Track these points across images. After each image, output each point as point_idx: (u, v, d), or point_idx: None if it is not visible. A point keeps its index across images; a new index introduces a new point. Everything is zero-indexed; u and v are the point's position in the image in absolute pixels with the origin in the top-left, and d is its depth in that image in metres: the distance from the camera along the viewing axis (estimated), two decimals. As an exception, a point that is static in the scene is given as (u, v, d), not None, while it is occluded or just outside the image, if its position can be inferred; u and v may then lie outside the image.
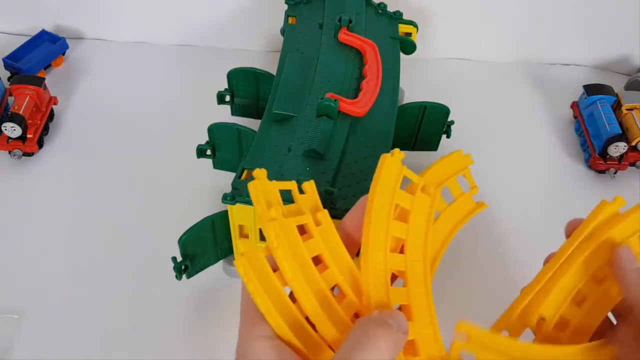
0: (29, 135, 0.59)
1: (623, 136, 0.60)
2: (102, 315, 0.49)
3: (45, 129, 0.62)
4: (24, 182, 0.59)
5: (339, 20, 0.54)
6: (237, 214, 0.45)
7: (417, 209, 0.34)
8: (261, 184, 0.32)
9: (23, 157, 0.60)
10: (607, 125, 0.60)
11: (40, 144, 0.61)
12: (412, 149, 0.58)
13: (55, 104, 0.63)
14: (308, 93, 0.50)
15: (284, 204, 0.32)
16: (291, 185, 0.34)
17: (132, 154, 0.62)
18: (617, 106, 0.63)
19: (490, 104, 0.69)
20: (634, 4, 0.68)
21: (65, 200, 0.57)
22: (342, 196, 0.43)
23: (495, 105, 0.69)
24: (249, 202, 0.43)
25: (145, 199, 0.58)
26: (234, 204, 0.43)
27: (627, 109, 0.62)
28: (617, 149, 0.60)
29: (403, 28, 0.59)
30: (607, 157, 0.61)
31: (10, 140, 0.59)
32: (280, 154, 0.46)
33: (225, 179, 0.58)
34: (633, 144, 0.60)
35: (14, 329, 0.48)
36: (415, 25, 0.59)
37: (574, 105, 0.67)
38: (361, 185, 0.45)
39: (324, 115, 0.47)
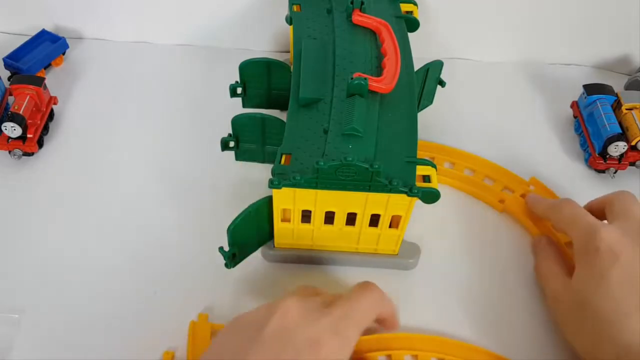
0: (29, 135, 0.59)
1: (623, 136, 0.60)
2: (103, 315, 0.49)
3: (45, 128, 0.62)
4: (24, 182, 0.59)
5: (351, 3, 0.56)
6: (283, 198, 0.46)
7: None
8: None
9: (23, 157, 0.60)
10: (607, 125, 0.60)
11: (40, 144, 0.61)
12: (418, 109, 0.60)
13: (55, 103, 0.63)
14: (331, 76, 0.52)
15: None
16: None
17: (132, 154, 0.62)
18: (617, 106, 0.63)
19: (490, 104, 0.69)
20: (634, 4, 0.68)
21: (65, 200, 0.57)
22: (384, 171, 0.44)
23: (495, 105, 0.69)
24: (295, 185, 0.45)
25: (145, 199, 0.58)
26: (280, 187, 0.45)
27: (627, 109, 0.62)
28: (617, 148, 0.60)
29: (404, 7, 0.61)
30: (607, 156, 0.61)
31: (10, 140, 0.59)
32: (316, 136, 0.48)
33: (224, 177, 0.59)
34: (633, 143, 0.60)
35: (14, 329, 0.48)
36: (415, 4, 0.61)
37: (574, 105, 0.67)
38: (397, 159, 0.47)
39: (355, 95, 0.48)
